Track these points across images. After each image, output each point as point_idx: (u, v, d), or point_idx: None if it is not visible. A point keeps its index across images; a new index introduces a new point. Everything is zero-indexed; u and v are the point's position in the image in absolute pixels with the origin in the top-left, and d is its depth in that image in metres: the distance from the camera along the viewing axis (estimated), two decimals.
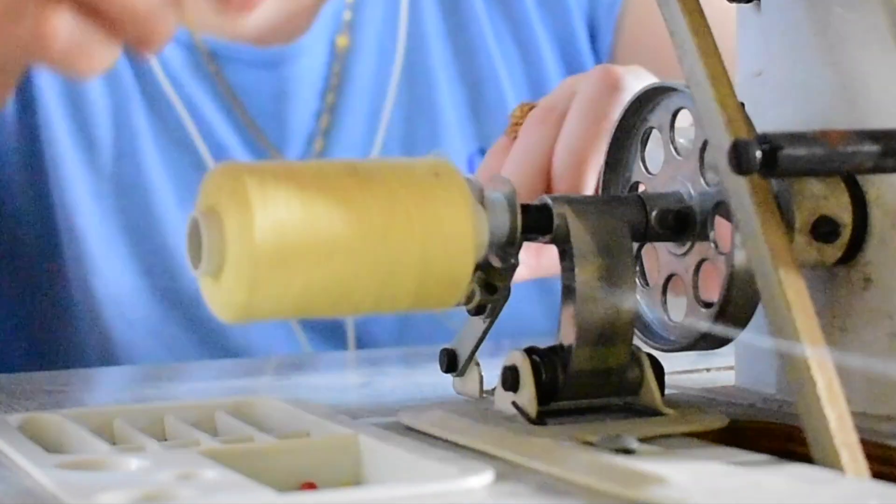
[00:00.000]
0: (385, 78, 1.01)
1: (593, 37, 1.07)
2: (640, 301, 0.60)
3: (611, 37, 1.07)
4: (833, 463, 0.46)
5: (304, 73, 0.99)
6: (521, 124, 0.71)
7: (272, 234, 0.48)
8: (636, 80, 0.68)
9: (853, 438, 0.46)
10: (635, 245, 0.58)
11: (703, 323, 0.56)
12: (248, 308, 0.49)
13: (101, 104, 0.96)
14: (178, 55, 0.97)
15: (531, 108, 0.72)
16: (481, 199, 0.53)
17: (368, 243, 0.50)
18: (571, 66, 1.06)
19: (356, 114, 0.99)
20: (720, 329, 0.55)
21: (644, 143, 0.60)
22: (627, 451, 0.49)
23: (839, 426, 0.47)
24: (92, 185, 0.95)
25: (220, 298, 0.50)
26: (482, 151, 1.01)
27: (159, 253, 0.95)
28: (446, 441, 0.53)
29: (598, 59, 1.07)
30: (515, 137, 0.71)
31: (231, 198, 0.49)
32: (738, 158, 0.49)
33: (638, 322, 0.59)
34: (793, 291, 0.49)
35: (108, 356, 0.94)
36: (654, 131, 0.60)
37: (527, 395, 0.54)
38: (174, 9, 0.57)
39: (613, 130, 0.61)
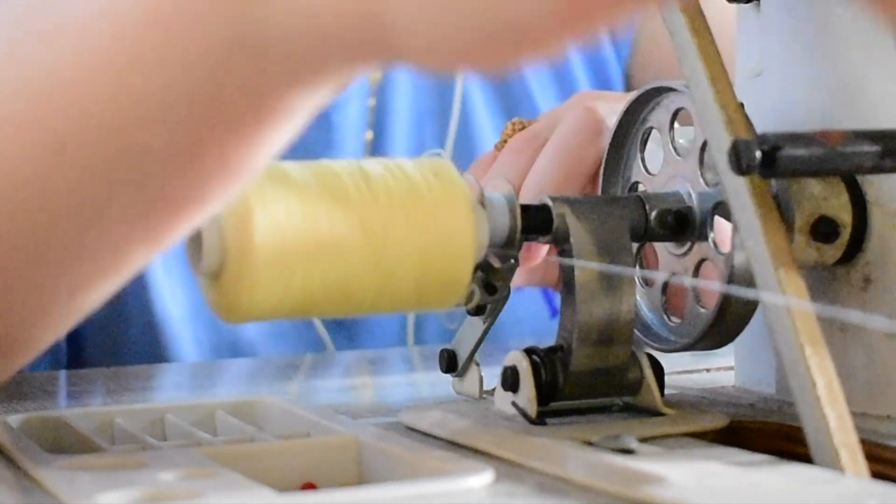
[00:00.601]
0: (421, 108, 1.01)
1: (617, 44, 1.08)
2: (639, 301, 0.60)
3: (627, 50, 1.08)
4: (833, 463, 0.46)
5: (347, 118, 0.99)
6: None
7: (271, 235, 0.48)
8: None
9: (853, 438, 0.46)
10: (635, 245, 0.58)
11: (703, 323, 0.56)
12: (247, 308, 0.49)
13: None
14: None
15: (522, 128, 0.72)
16: (481, 200, 0.53)
17: (368, 243, 0.50)
18: (601, 78, 1.06)
19: (397, 148, 0.99)
20: (720, 329, 0.55)
21: (644, 143, 0.60)
22: (627, 451, 0.49)
23: (839, 426, 0.47)
24: None
25: (219, 299, 0.50)
26: None
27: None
28: (446, 441, 0.53)
29: (620, 71, 1.07)
30: None
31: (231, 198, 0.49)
32: (738, 158, 0.49)
33: (638, 322, 0.59)
34: (793, 291, 0.49)
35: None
36: (654, 131, 0.60)
37: (527, 395, 0.54)
38: None
39: (614, 130, 0.61)
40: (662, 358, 0.56)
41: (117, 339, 0.94)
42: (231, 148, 0.44)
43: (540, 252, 0.67)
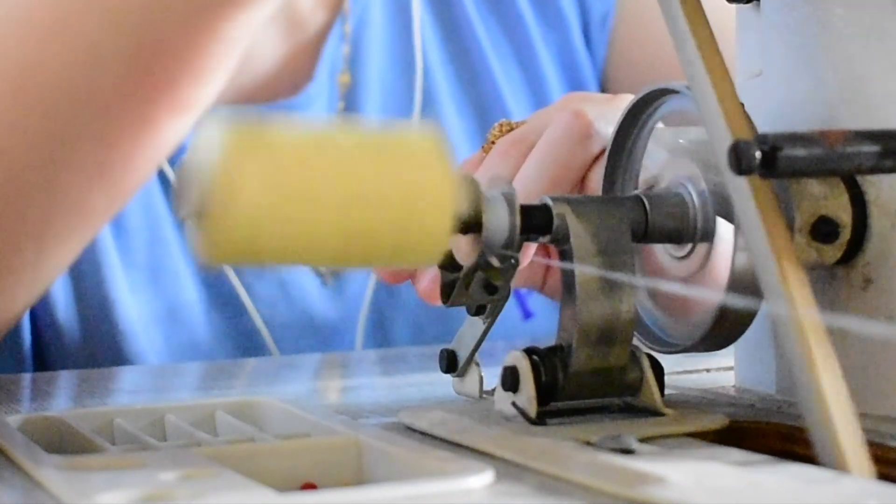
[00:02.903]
0: (391, 110, 1.01)
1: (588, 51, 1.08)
2: (639, 302, 0.60)
3: (604, 50, 1.07)
4: (838, 463, 0.46)
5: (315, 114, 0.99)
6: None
7: (256, 183, 0.48)
8: (607, 126, 0.67)
9: (859, 438, 0.46)
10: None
11: (704, 324, 0.56)
12: (226, 250, 0.49)
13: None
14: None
15: (510, 130, 0.72)
16: (478, 192, 0.53)
17: (344, 188, 0.49)
18: (573, 80, 1.06)
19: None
20: (721, 331, 0.55)
21: (645, 144, 0.60)
22: (627, 451, 0.49)
23: (844, 426, 0.47)
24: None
25: (201, 240, 0.50)
26: None
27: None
28: (446, 441, 0.53)
29: (595, 73, 1.07)
30: None
31: (219, 146, 0.49)
32: (738, 159, 0.49)
33: (637, 323, 0.59)
34: (796, 290, 0.49)
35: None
36: (655, 131, 0.60)
37: (527, 395, 0.54)
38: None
39: (615, 131, 0.61)
40: (662, 358, 0.56)
41: (81, 343, 0.94)
42: (178, 81, 0.46)
43: (528, 253, 0.66)
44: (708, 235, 0.56)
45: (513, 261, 0.55)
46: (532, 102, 1.04)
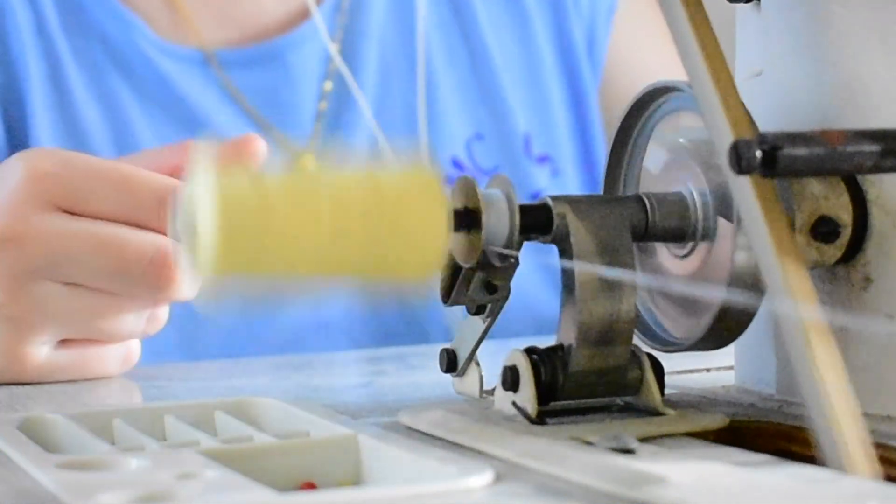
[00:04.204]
0: (388, 61, 1.02)
1: (590, 44, 1.08)
2: (639, 301, 0.60)
3: (607, 44, 1.08)
4: (842, 463, 0.46)
5: (305, 60, 0.99)
6: None
7: (236, 207, 0.49)
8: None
9: (864, 436, 0.46)
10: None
11: (705, 323, 0.56)
12: (216, 274, 0.50)
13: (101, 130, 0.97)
14: (188, 70, 0.98)
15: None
16: (477, 192, 0.53)
17: (337, 228, 0.50)
18: (568, 65, 1.07)
19: (361, 93, 1.00)
20: (721, 330, 0.55)
21: (645, 143, 0.60)
22: (627, 451, 0.49)
23: (848, 425, 0.46)
24: None
25: (191, 264, 0.50)
26: (479, 136, 1.02)
27: None
28: (446, 441, 0.53)
29: (593, 68, 1.08)
30: None
31: (202, 166, 0.49)
32: (738, 158, 0.49)
33: (638, 322, 0.59)
34: (800, 289, 0.49)
35: None
36: (656, 131, 0.60)
37: (527, 394, 0.54)
38: None
39: (615, 131, 0.61)
40: (662, 358, 0.56)
41: None
42: None
43: None
44: (708, 235, 0.56)
45: (513, 260, 0.55)
46: (526, 68, 1.05)
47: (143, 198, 0.68)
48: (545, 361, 0.54)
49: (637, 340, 0.57)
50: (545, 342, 0.55)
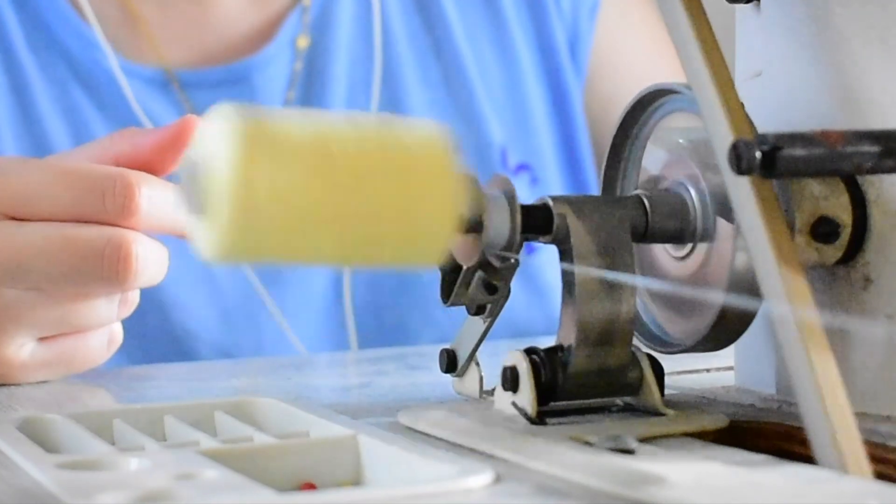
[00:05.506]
0: (356, 78, 1.01)
1: (573, 45, 1.08)
2: (639, 302, 0.60)
3: (591, 44, 1.08)
4: (835, 463, 0.46)
5: (271, 81, 0.99)
6: None
7: (264, 182, 0.48)
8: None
9: (856, 438, 0.46)
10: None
11: (705, 325, 0.56)
12: (231, 249, 0.49)
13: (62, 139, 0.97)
14: (150, 90, 0.98)
15: None
16: (479, 192, 0.53)
17: (353, 196, 0.49)
18: (550, 71, 1.06)
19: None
20: (721, 332, 0.55)
21: (644, 144, 0.60)
22: (627, 451, 0.49)
23: (842, 426, 0.47)
24: None
25: (205, 238, 0.50)
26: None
27: None
28: (446, 441, 0.53)
29: (577, 68, 1.07)
30: None
31: (227, 142, 0.49)
32: (738, 159, 0.49)
33: (637, 323, 0.59)
34: (797, 292, 0.49)
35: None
36: (655, 132, 0.60)
37: (526, 395, 0.54)
38: None
39: (615, 131, 0.61)
40: (662, 358, 0.56)
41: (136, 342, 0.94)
42: None
43: None
44: (708, 236, 0.56)
45: (513, 261, 0.55)
46: (504, 77, 1.05)
47: (87, 191, 0.67)
48: (545, 362, 0.54)
49: (637, 341, 0.57)
50: (522, 346, 0.55)
